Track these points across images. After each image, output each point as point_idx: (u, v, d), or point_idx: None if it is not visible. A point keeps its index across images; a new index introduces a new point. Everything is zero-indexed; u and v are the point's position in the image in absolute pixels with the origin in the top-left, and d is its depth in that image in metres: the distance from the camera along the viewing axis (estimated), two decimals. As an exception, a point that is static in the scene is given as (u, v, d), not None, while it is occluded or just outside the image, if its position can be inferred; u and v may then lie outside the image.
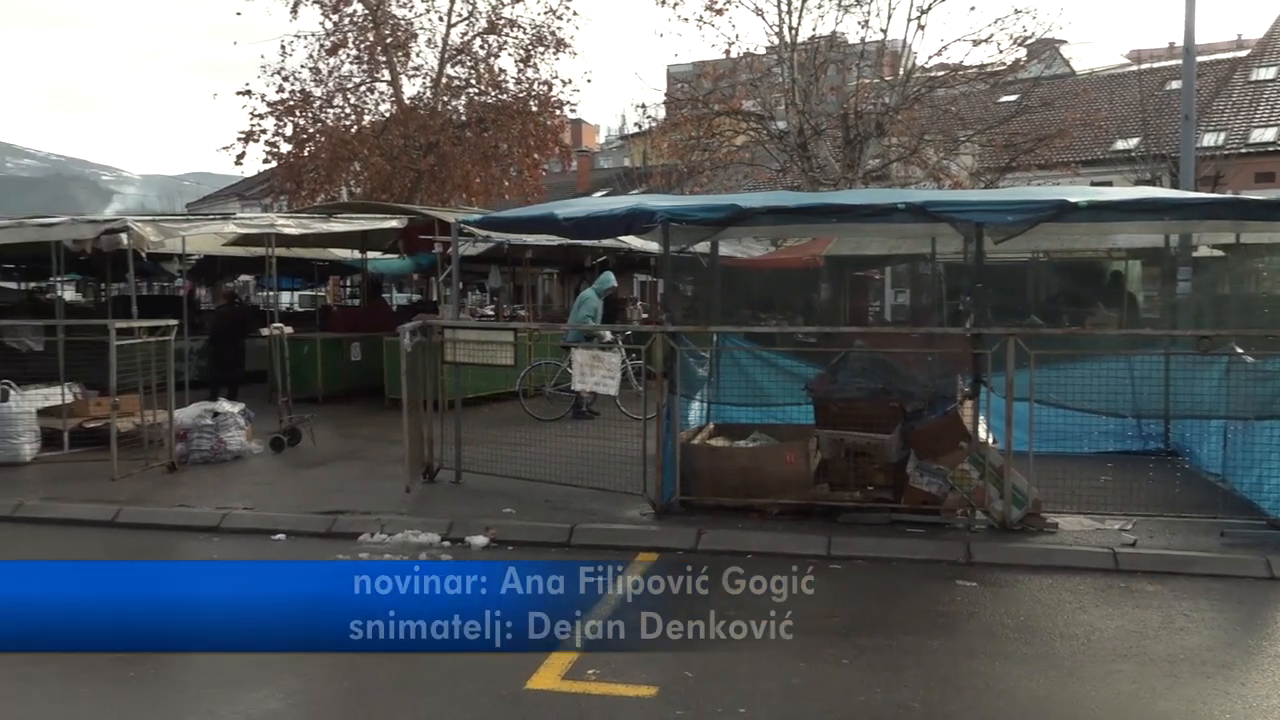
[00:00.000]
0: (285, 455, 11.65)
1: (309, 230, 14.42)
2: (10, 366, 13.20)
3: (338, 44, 26.18)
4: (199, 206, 51.81)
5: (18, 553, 8.22)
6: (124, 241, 11.57)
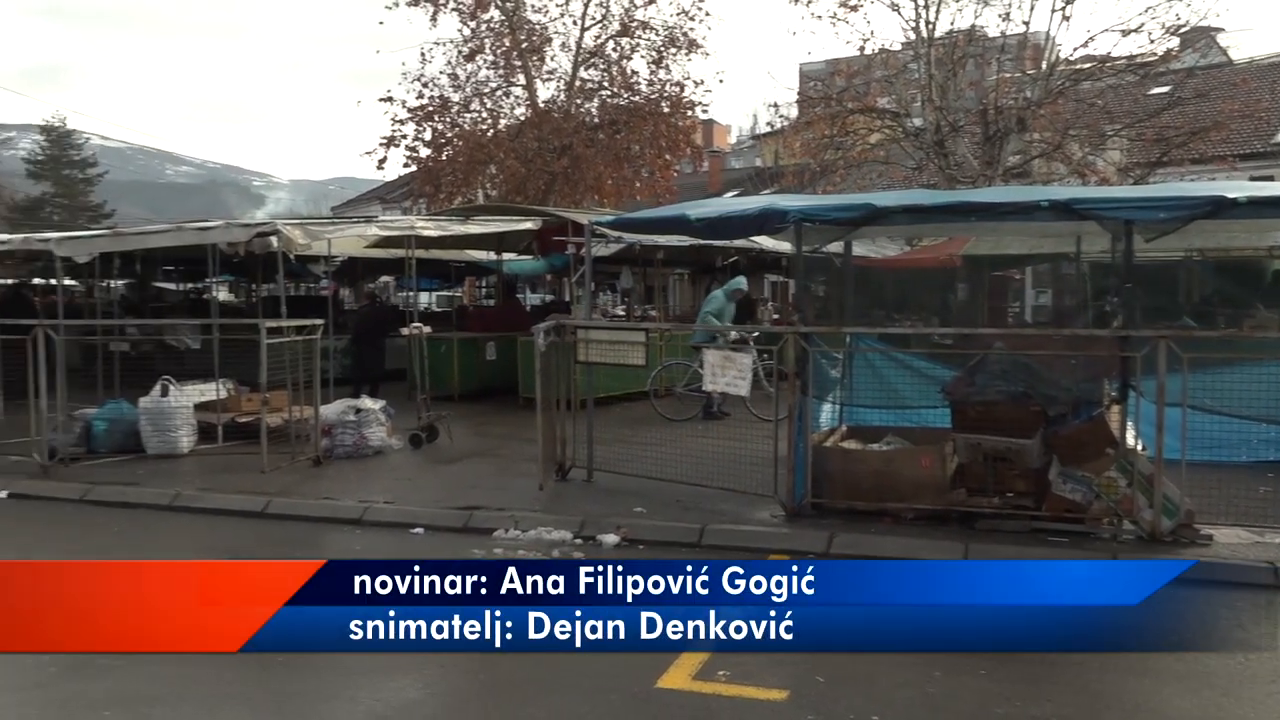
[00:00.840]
0: (423, 451, 11.97)
1: (447, 232, 14.79)
2: (170, 363, 13.94)
3: (475, 50, 26.76)
4: (343, 210, 53.63)
5: (176, 540, 8.67)
6: (274, 244, 12.08)
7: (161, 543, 8.63)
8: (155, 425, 11.51)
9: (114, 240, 14.27)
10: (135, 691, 5.18)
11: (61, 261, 13.96)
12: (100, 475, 10.54)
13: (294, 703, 5.22)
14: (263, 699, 5.21)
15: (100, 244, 13.98)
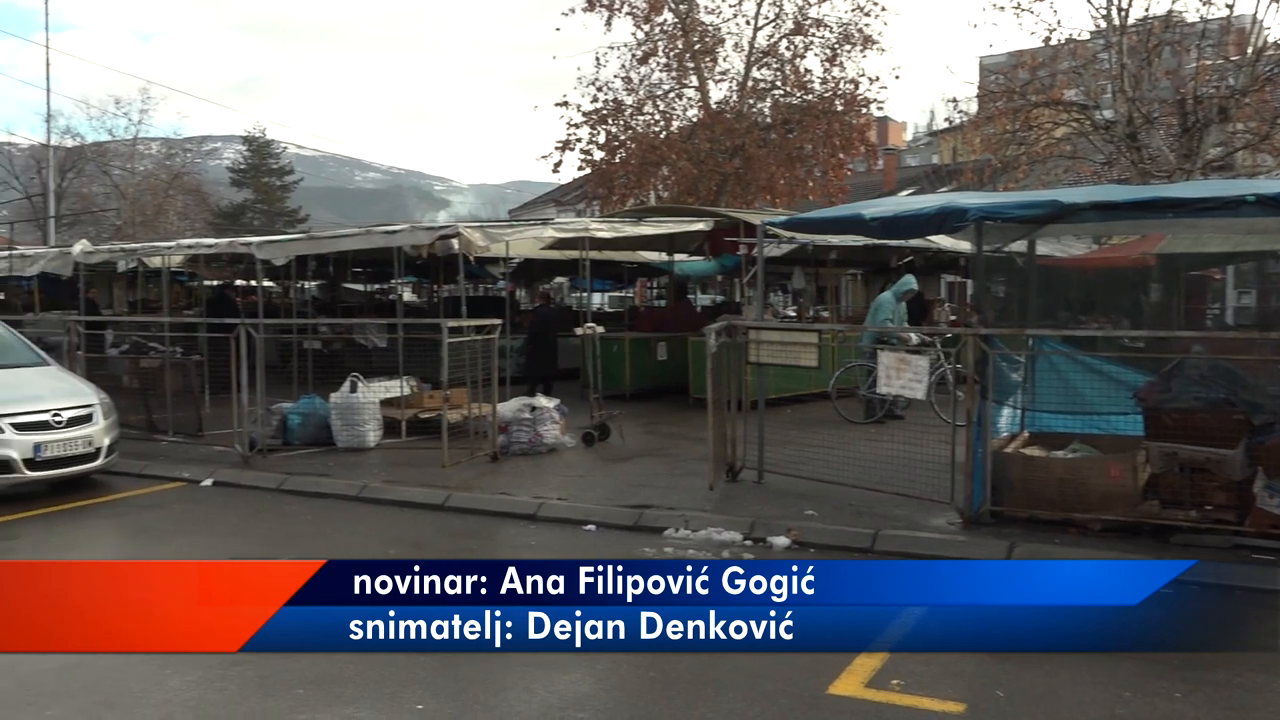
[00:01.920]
0: (595, 449, 12.16)
1: (620, 234, 14.99)
2: (358, 361, 14.60)
3: (648, 53, 27.04)
4: (519, 213, 55.03)
5: (363, 530, 9.08)
6: (455, 246, 12.51)
7: (349, 531, 9.06)
8: (345, 420, 12.08)
9: (309, 243, 15.06)
10: (327, 673, 5.45)
11: (261, 264, 14.84)
12: (295, 466, 11.14)
13: (472, 690, 5.38)
14: (443, 685, 5.40)
15: (297, 247, 14.77)
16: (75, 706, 5.07)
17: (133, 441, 11.76)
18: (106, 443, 10.45)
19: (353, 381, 12.22)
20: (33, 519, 9.33)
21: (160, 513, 9.74)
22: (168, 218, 53.71)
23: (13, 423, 9.71)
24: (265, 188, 70.38)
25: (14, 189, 50.46)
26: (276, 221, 63.07)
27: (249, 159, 72.25)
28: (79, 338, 13.77)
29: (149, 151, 57.98)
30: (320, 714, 5.09)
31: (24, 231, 43.14)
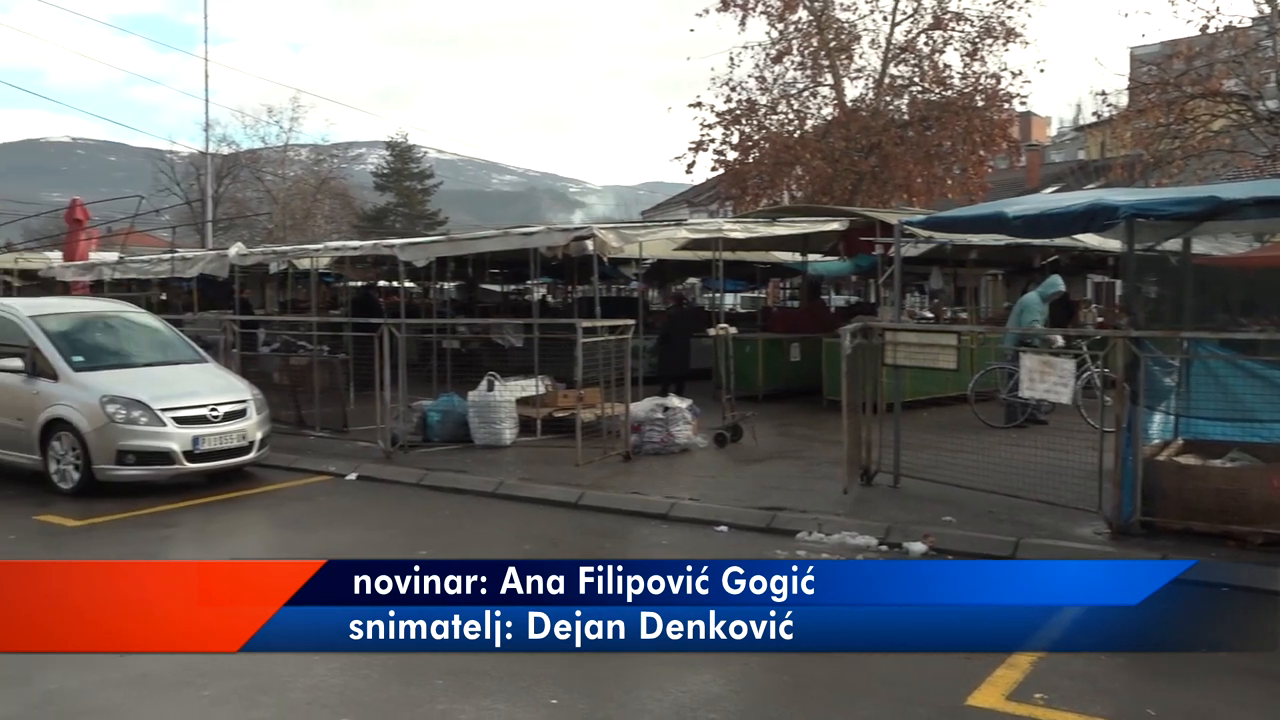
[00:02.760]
0: (727, 450, 12.12)
1: (754, 234, 14.92)
2: (494, 360, 14.91)
3: (783, 52, 26.83)
4: (651, 214, 55.30)
5: (499, 525, 9.27)
6: (589, 247, 12.66)
7: (486, 527, 9.26)
8: (482, 418, 12.34)
9: (449, 245, 15.46)
10: (464, 665, 5.58)
11: (403, 265, 15.29)
12: (434, 462, 11.43)
13: (605, 687, 5.43)
14: (576, 681, 5.46)
15: (437, 249, 15.18)
16: (229, 689, 5.32)
17: (282, 436, 12.25)
18: (259, 437, 10.92)
19: (489, 380, 12.47)
20: (191, 508, 9.82)
21: (308, 505, 10.13)
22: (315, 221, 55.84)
23: (174, 416, 10.23)
24: (407, 191, 72.52)
25: (175, 195, 53.22)
26: (417, 224, 64.90)
27: (392, 164, 74.57)
28: (234, 336, 14.43)
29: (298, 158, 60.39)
30: (458, 704, 5.22)
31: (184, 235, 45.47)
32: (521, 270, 24.02)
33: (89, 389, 10.25)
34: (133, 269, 20.56)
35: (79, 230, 24.53)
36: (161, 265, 19.39)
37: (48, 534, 8.98)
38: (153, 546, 8.65)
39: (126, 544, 8.62)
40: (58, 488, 10.17)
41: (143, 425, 10.09)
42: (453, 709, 5.18)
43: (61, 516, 9.39)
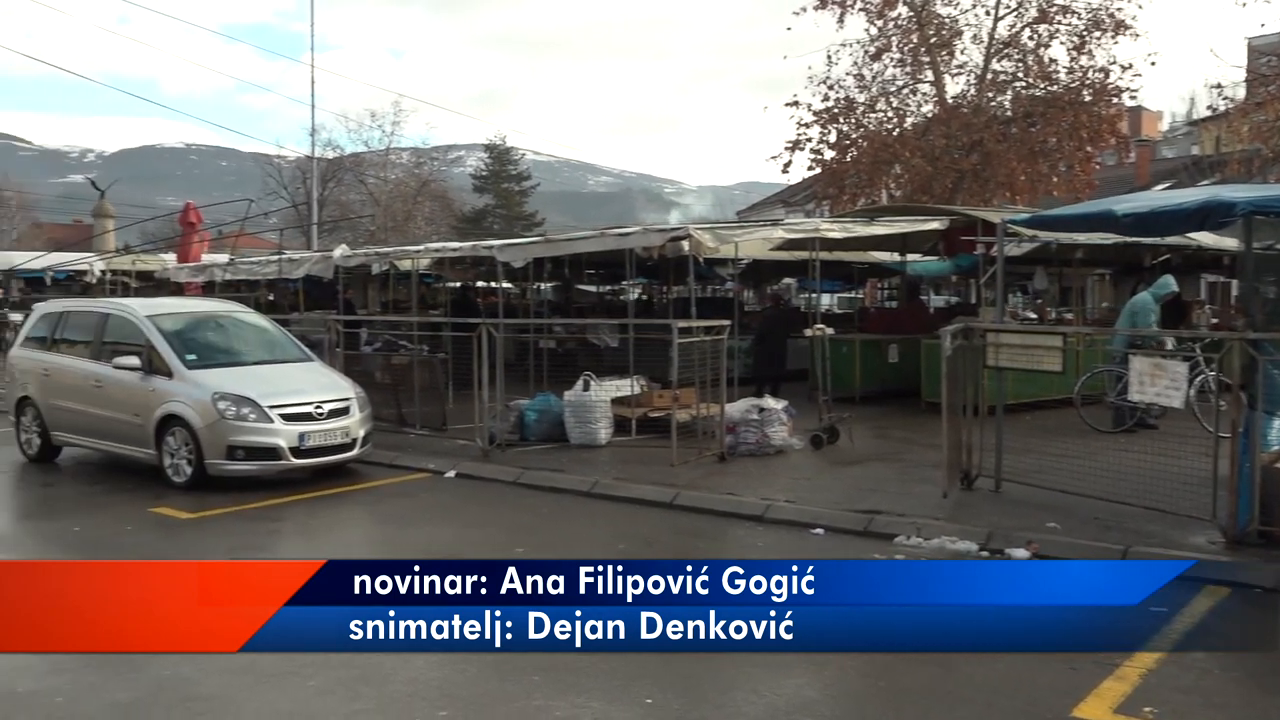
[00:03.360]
0: (823, 452, 12.00)
1: (851, 234, 14.75)
2: (590, 360, 15.01)
3: (881, 49, 26.46)
4: (747, 214, 55.08)
5: (594, 524, 9.33)
6: (685, 248, 12.67)
7: (582, 526, 9.33)
8: (578, 417, 12.43)
9: (546, 246, 15.61)
10: (560, 662, 5.61)
11: (501, 266, 15.50)
12: (530, 461, 11.55)
13: (699, 687, 5.42)
14: (671, 681, 5.46)
15: (535, 250, 15.35)
16: (334, 679, 5.45)
17: (384, 434, 12.51)
18: (361, 434, 11.17)
19: (585, 380, 12.56)
20: (297, 503, 10.10)
21: (409, 501, 10.33)
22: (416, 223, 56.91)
23: (281, 413, 10.53)
24: (505, 193, 73.48)
25: (282, 198, 54.78)
26: (515, 225, 65.73)
27: (490, 166, 75.65)
28: (338, 336, 14.81)
29: (400, 161, 61.65)
30: (554, 700, 5.26)
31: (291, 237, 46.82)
32: (617, 271, 24.16)
33: (201, 386, 10.61)
34: (242, 270, 21.26)
35: (192, 233, 25.45)
36: (269, 267, 19.99)
37: (162, 526, 9.33)
38: (260, 540, 8.92)
39: (235, 536, 8.91)
40: (172, 481, 10.55)
41: (252, 422, 10.40)
42: (548, 705, 5.22)
43: (175, 509, 9.74)
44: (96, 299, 16.04)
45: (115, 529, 9.16)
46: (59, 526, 9.52)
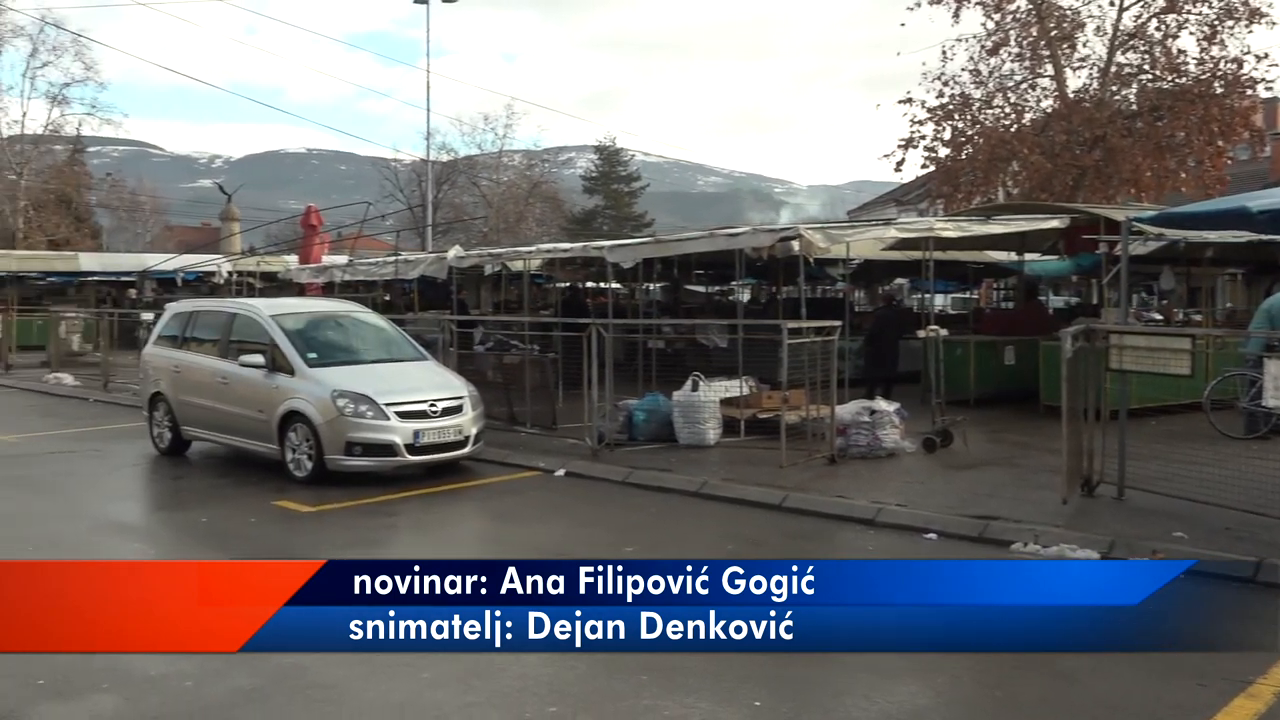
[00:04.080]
0: (936, 456, 11.76)
1: (966, 233, 14.43)
2: (698, 360, 15.00)
3: (999, 43, 25.85)
4: (858, 213, 54.40)
5: (701, 525, 9.31)
6: (795, 248, 12.56)
7: (689, 526, 9.33)
8: (686, 418, 12.43)
9: (656, 247, 15.66)
10: (668, 662, 5.62)
11: (611, 266, 15.60)
12: (639, 460, 11.59)
13: (812, 692, 5.36)
14: (780, 684, 5.42)
15: (645, 250, 15.42)
16: (445, 672, 5.55)
17: (495, 432, 12.71)
18: (474, 432, 11.37)
19: (694, 380, 12.55)
20: (411, 498, 10.32)
21: (519, 499, 10.47)
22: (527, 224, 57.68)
23: (397, 411, 10.78)
24: (614, 194, 74.01)
25: (398, 201, 56.13)
26: (624, 226, 66.18)
27: (600, 167, 76.28)
28: (452, 335, 15.10)
29: (512, 163, 62.59)
30: (662, 700, 5.27)
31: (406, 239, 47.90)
32: (726, 271, 24.08)
33: (321, 384, 10.93)
34: (360, 271, 21.86)
35: (313, 235, 26.27)
36: (386, 267, 20.51)
37: (284, 519, 9.64)
38: (377, 534, 9.15)
39: (353, 530, 9.16)
40: (293, 476, 10.89)
41: (369, 419, 10.67)
42: (656, 704, 5.23)
43: (296, 503, 10.06)
44: (224, 299, 16.67)
45: (240, 521, 9.50)
46: (188, 517, 9.93)
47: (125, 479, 11.95)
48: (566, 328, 14.24)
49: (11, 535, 9.02)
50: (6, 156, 49.01)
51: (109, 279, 35.70)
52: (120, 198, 61.13)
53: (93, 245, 50.65)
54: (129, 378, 18.18)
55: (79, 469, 12.29)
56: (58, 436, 14.57)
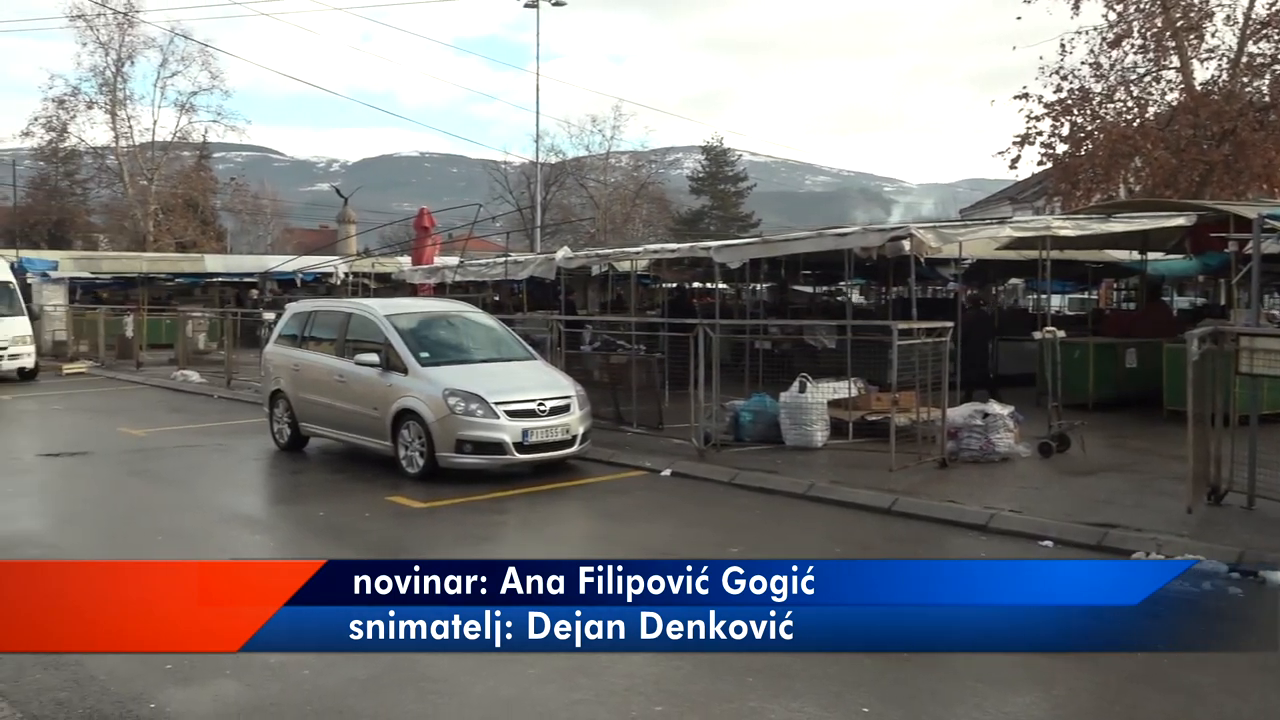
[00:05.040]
0: (1052, 461, 11.43)
1: (1086, 231, 14.02)
2: (805, 361, 14.85)
3: (1121, 35, 24.95)
4: (971, 212, 53.19)
5: (807, 527, 9.23)
6: (905, 248, 12.35)
7: (795, 528, 9.25)
8: (793, 419, 12.33)
9: (764, 247, 15.59)
10: (774, 664, 5.59)
11: (718, 267, 15.56)
12: (745, 461, 11.54)
13: (922, 701, 5.27)
14: (891, 692, 5.34)
15: (752, 250, 15.36)
16: (552, 668, 5.60)
17: (601, 431, 12.78)
18: (581, 431, 11.46)
19: (801, 382, 12.43)
20: (519, 496, 10.46)
21: (626, 498, 10.52)
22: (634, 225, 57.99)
23: (506, 410, 10.94)
24: (721, 194, 73.88)
25: (508, 202, 57.00)
26: (731, 226, 65.98)
27: (707, 167, 76.22)
28: (560, 335, 15.25)
29: (619, 164, 62.97)
30: (768, 703, 5.24)
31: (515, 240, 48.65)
32: (834, 271, 23.81)
33: (433, 383, 11.16)
34: (471, 272, 22.25)
35: (425, 237, 26.86)
36: (496, 268, 20.84)
37: (397, 514, 9.87)
38: (486, 530, 9.31)
39: (463, 526, 9.33)
40: (406, 472, 11.14)
41: (479, 417, 10.85)
42: (763, 707, 5.20)
43: (409, 499, 10.29)
44: (340, 299, 17.15)
45: (355, 515, 9.75)
46: (306, 511, 10.24)
47: (248, 473, 12.39)
48: (673, 328, 14.24)
49: (145, 526, 9.45)
50: (138, 163, 51.29)
51: (232, 280, 37.11)
52: (243, 201, 63.40)
53: (218, 247, 52.73)
54: (250, 375, 18.85)
55: (204, 463, 12.80)
56: (184, 431, 15.19)
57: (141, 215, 50.27)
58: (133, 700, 5.36)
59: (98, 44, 49.26)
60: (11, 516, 9.87)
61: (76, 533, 9.37)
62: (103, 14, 48.24)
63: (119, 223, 54.09)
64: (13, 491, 11.08)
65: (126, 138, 51.37)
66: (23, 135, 51.91)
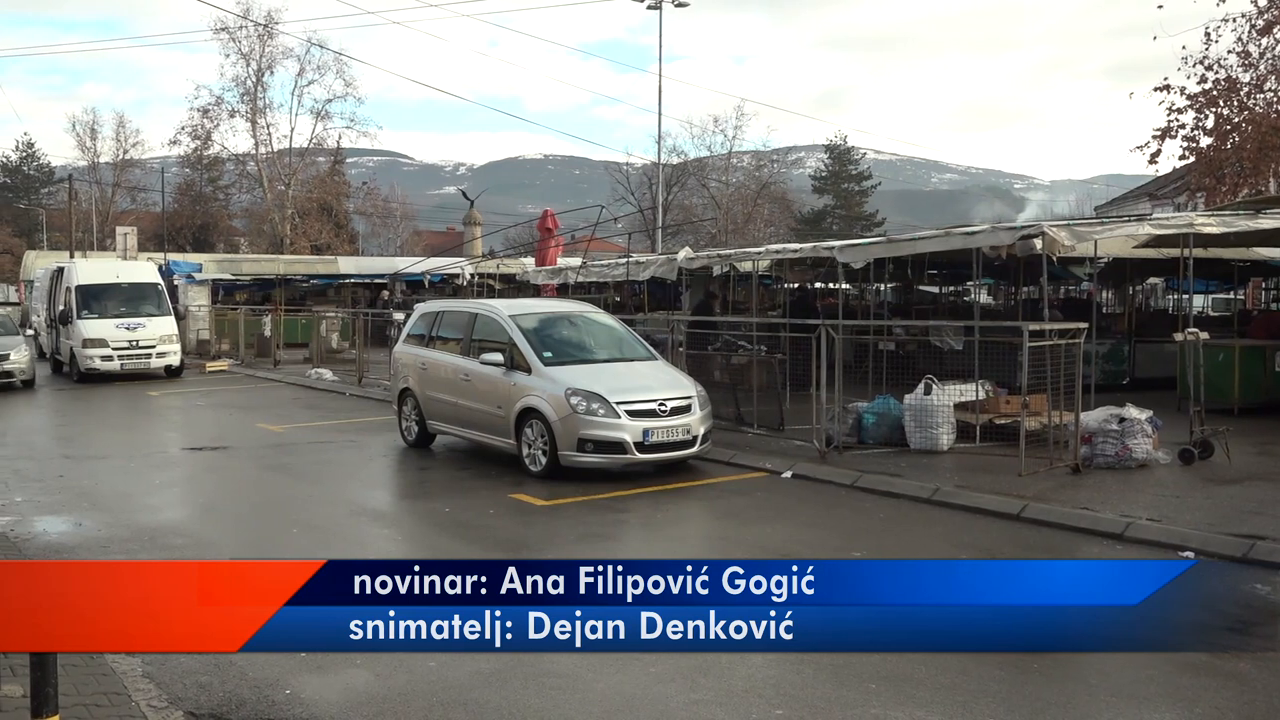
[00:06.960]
0: (1194, 468, 10.94)
1: (1232, 228, 13.38)
2: (931, 363, 14.54)
3: (1272, 21, 23.72)
4: (1106, 209, 51.31)
5: (932, 533, 9.02)
6: (1037, 246, 11.97)
7: (918, 533, 9.06)
8: (918, 421, 12.09)
9: (888, 246, 15.31)
10: (898, 671, 5.49)
11: (841, 267, 15.35)
12: (868, 464, 11.36)
13: (1048, 712, 5.10)
14: (1019, 703, 5.19)
15: (876, 250, 15.08)
16: (673, 668, 5.62)
17: (722, 432, 12.75)
18: (701, 431, 11.45)
19: (927, 383, 12.18)
20: (640, 495, 10.51)
21: (746, 499, 10.47)
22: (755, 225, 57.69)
23: (627, 409, 11.00)
24: (844, 193, 72.99)
25: (629, 203, 57.36)
26: (854, 226, 65.16)
27: (829, 166, 75.40)
28: (681, 335, 15.27)
29: (740, 164, 62.77)
30: (891, 710, 5.14)
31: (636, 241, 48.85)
32: (961, 271, 23.28)
33: (556, 382, 11.30)
34: (593, 272, 22.48)
35: (549, 238, 27.20)
36: (618, 269, 20.98)
37: (520, 511, 10.03)
38: (607, 529, 9.38)
39: (585, 524, 9.42)
40: (528, 470, 11.31)
41: (600, 417, 10.94)
42: (885, 714, 5.11)
43: (532, 496, 10.44)
44: (466, 300, 17.52)
45: (480, 512, 9.95)
46: (431, 507, 10.49)
47: (377, 469, 12.76)
48: (795, 328, 14.12)
49: (281, 518, 9.83)
50: (276, 169, 53.36)
51: (364, 281, 38.30)
52: (374, 205, 65.39)
53: (350, 249, 54.52)
54: (380, 374, 19.42)
55: (336, 458, 13.23)
56: (318, 428, 15.73)
57: (279, 219, 52.29)
58: (269, 686, 5.58)
59: (239, 55, 51.55)
60: (158, 508, 10.39)
61: (216, 524, 9.81)
62: (244, 26, 50.37)
63: (258, 226, 56.43)
64: (160, 483, 11.65)
65: (265, 144, 53.57)
66: (170, 144, 54.61)
